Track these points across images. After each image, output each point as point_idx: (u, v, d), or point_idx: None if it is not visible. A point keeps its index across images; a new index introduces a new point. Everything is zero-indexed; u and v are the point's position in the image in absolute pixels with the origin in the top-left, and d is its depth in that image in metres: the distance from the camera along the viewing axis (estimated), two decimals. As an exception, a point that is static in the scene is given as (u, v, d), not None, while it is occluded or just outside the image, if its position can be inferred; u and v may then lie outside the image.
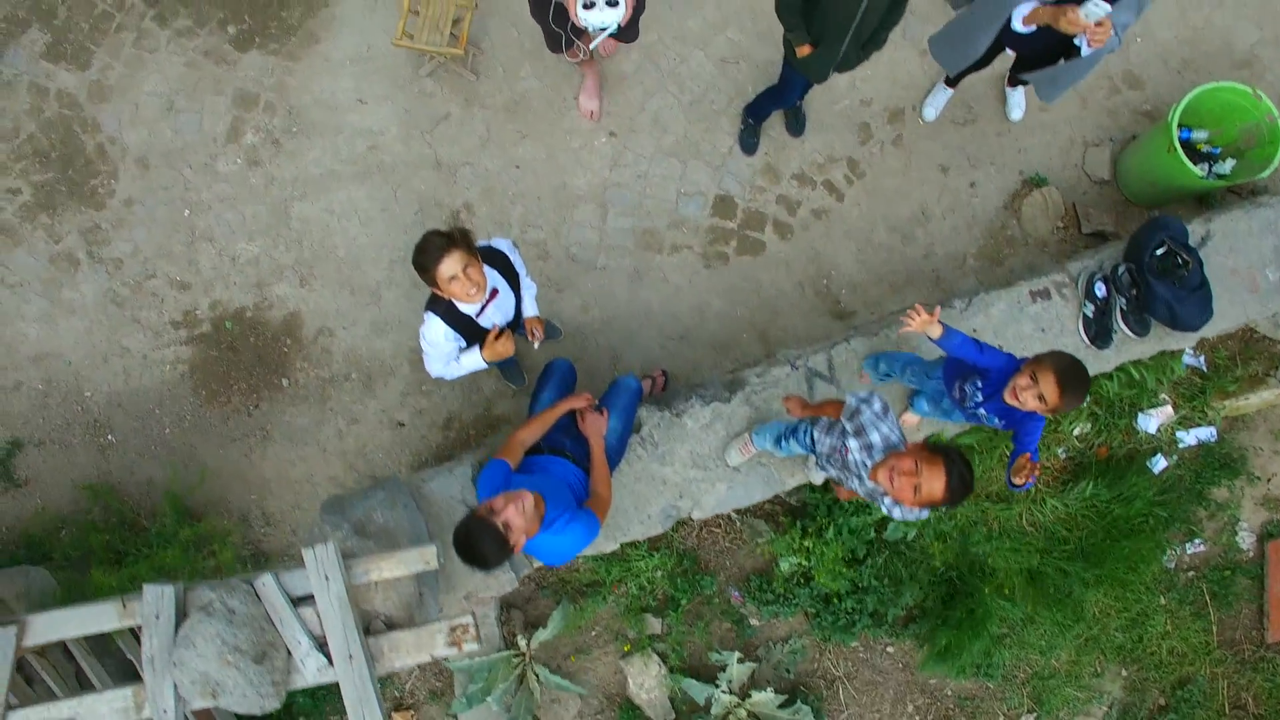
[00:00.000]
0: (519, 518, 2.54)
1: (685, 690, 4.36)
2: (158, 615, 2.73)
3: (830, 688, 4.62)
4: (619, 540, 3.68)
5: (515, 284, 3.27)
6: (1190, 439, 4.56)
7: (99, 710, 2.77)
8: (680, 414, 3.65)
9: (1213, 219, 3.95)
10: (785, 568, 4.36)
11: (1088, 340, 3.81)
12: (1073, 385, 2.59)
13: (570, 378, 3.59)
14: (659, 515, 3.66)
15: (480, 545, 2.45)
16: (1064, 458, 4.56)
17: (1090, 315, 3.79)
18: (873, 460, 2.62)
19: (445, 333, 3.09)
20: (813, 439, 3.08)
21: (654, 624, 4.45)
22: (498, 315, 3.22)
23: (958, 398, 3.17)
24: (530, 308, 3.40)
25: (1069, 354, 2.68)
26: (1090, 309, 3.79)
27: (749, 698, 4.34)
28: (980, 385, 3.03)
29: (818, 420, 3.10)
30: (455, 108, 4.56)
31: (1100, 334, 3.80)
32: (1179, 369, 4.18)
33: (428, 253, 2.83)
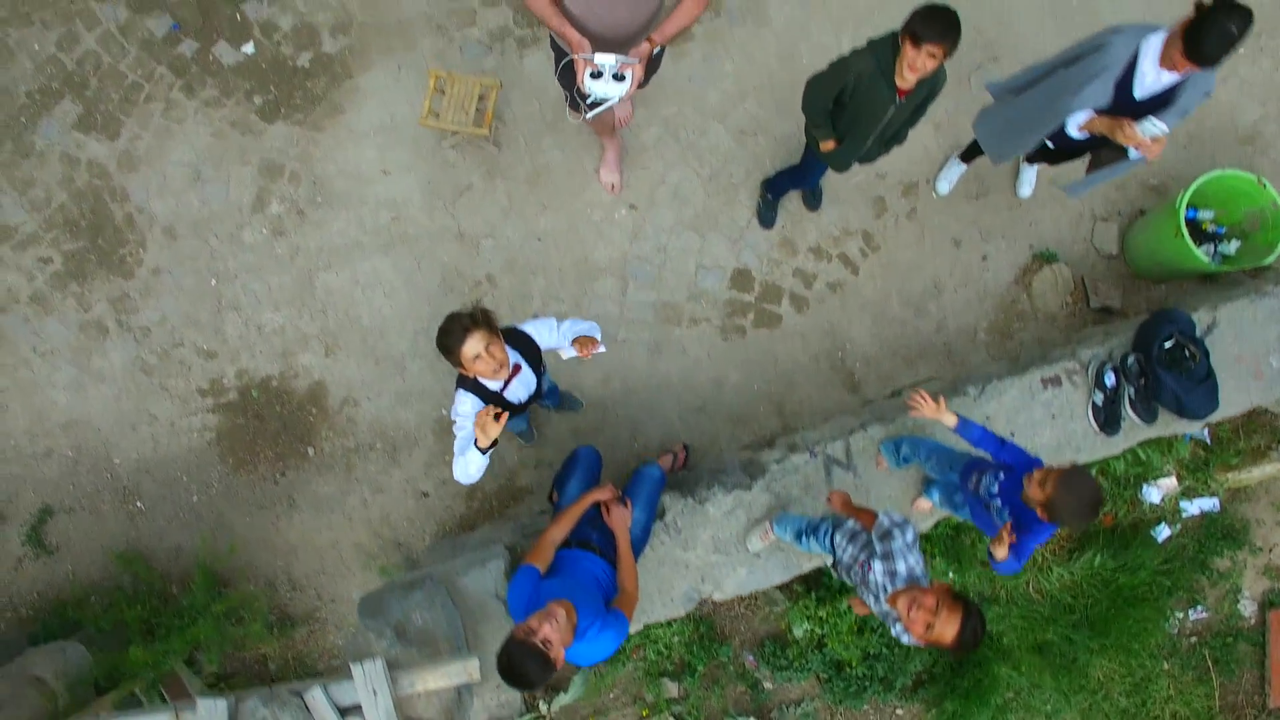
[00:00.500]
0: (556, 633, 2.64)
1: (701, 753, 4.48)
2: (211, 729, 2.82)
3: (841, 748, 4.75)
4: (643, 622, 3.78)
5: (536, 362, 3.36)
6: (1193, 509, 4.68)
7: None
8: (703, 501, 3.75)
9: (1219, 307, 4.06)
10: (799, 634, 4.49)
11: (1097, 427, 3.92)
12: (1081, 502, 2.69)
13: (596, 466, 3.69)
14: (681, 598, 3.76)
15: (525, 669, 2.54)
16: (1070, 525, 4.68)
17: (1099, 403, 3.90)
18: (894, 586, 2.72)
19: (475, 404, 3.17)
20: (833, 542, 3.18)
21: (671, 688, 4.57)
22: (521, 390, 3.32)
23: (972, 488, 3.26)
24: (567, 336, 3.36)
25: (1092, 478, 2.77)
26: (1100, 397, 3.90)
27: (763, 761, 4.47)
28: (1000, 478, 3.12)
29: (840, 523, 3.20)
30: (478, 179, 4.64)
31: (1109, 421, 3.91)
32: (1183, 450, 4.30)
33: (451, 334, 2.91)
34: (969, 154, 4.50)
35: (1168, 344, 3.81)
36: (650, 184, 4.66)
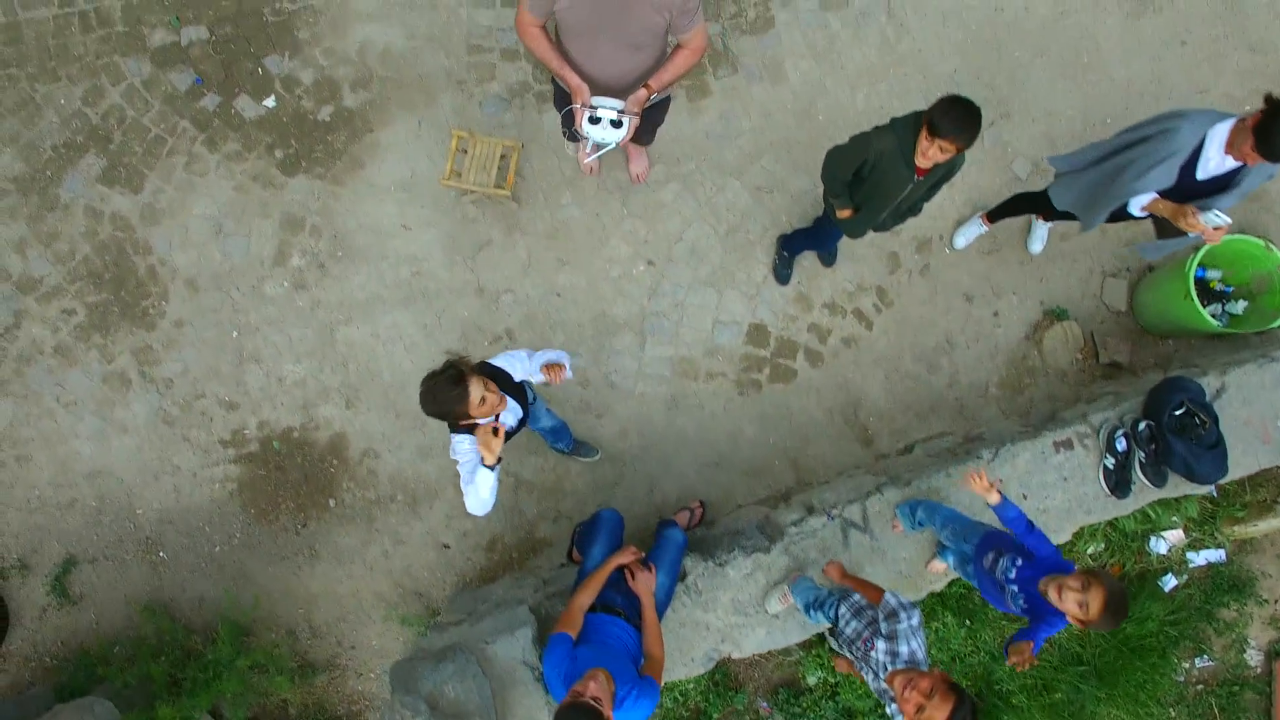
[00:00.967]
0: (603, 692, 2.74)
1: (716, 801, 4.55)
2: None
3: (852, 793, 4.82)
4: (665, 681, 3.85)
5: (515, 391, 3.40)
6: (1200, 560, 4.77)
7: None
8: (723, 564, 3.82)
9: (1228, 371, 4.14)
10: (812, 682, 4.57)
11: (1108, 490, 4.01)
12: (1116, 613, 2.77)
13: (619, 528, 3.76)
14: (702, 658, 3.84)
15: None
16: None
17: (1111, 467, 3.98)
18: (894, 666, 2.81)
19: (472, 441, 3.19)
20: (838, 614, 3.26)
21: (686, 736, 4.64)
22: (510, 418, 3.38)
23: (988, 566, 3.34)
24: (538, 363, 3.46)
25: (1121, 584, 2.84)
26: (1111, 461, 3.98)
27: (777, 809, 4.54)
28: (1019, 563, 3.19)
29: (847, 596, 3.28)
30: (497, 234, 4.70)
31: (1120, 484, 3.99)
32: (1191, 509, 4.39)
33: (452, 396, 2.92)
34: (995, 216, 4.55)
35: (1178, 411, 3.90)
36: (668, 240, 4.72)
